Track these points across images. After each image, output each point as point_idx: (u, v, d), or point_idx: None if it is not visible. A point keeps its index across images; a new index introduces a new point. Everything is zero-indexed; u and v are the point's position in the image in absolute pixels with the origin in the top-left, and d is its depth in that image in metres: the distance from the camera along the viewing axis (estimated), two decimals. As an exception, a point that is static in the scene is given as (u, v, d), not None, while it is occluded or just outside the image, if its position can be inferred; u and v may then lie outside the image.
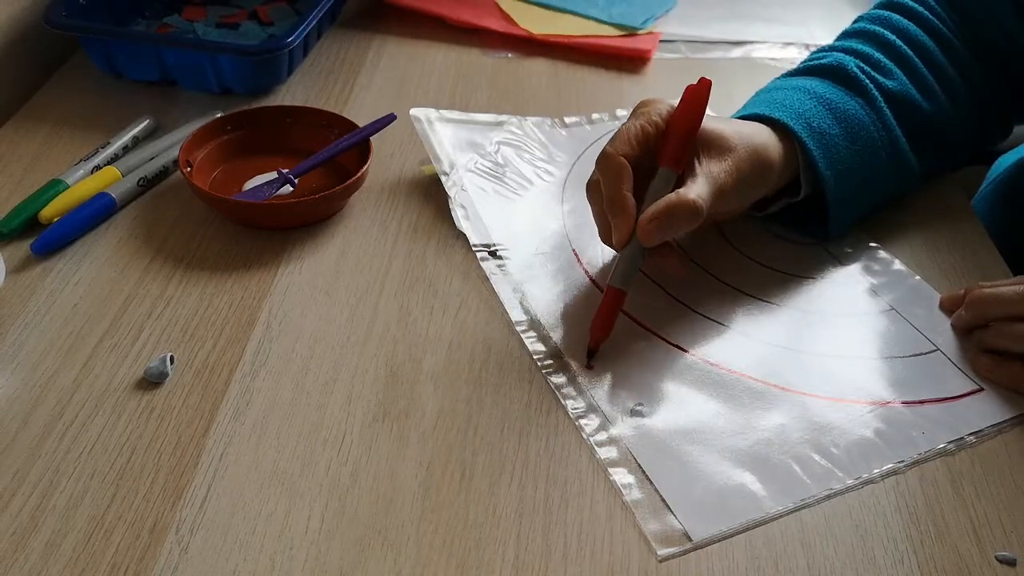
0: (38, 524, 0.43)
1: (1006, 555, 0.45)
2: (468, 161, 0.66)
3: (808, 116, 0.60)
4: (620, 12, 0.90)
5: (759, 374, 0.53)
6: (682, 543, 0.44)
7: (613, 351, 0.54)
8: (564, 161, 0.69)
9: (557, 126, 0.73)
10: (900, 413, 0.52)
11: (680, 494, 0.46)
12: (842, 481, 0.48)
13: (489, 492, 0.46)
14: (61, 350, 0.52)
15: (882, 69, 0.65)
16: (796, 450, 0.49)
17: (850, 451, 0.49)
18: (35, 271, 0.57)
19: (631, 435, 0.49)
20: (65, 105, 0.73)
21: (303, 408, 0.50)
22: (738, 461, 0.48)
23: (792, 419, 0.51)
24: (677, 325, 0.56)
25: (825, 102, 0.62)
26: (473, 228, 0.62)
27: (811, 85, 0.63)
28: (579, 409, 0.50)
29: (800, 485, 0.47)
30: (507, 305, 0.56)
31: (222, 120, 0.67)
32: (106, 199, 0.62)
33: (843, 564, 0.44)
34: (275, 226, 0.62)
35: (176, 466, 0.46)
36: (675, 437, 0.49)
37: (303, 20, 0.75)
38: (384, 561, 0.43)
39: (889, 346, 0.56)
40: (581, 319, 0.55)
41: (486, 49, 0.86)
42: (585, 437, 0.49)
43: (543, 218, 0.64)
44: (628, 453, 0.48)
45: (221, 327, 0.54)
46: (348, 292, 0.57)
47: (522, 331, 0.55)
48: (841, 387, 0.53)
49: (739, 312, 0.58)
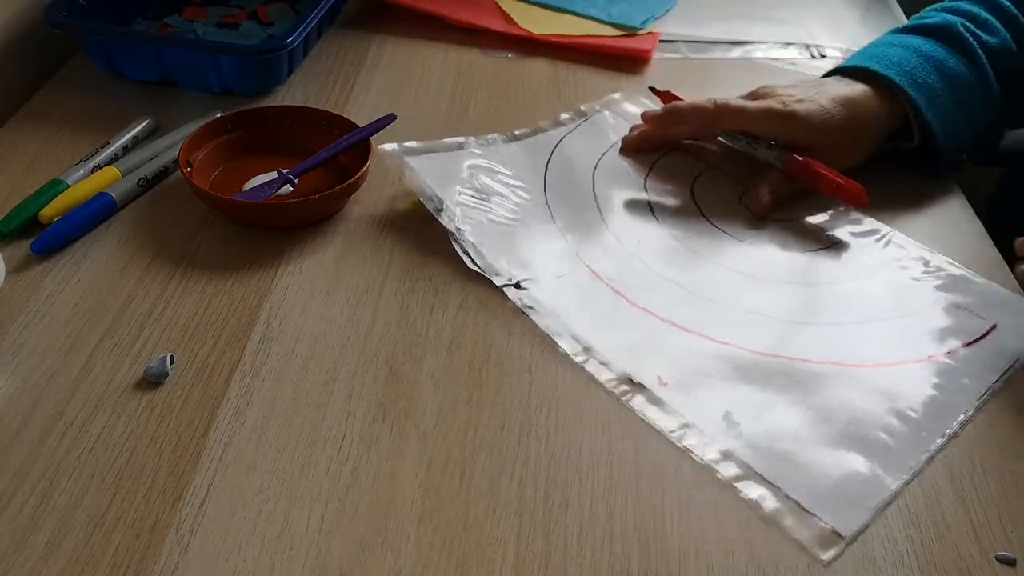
0: (38, 524, 0.43)
1: (1006, 555, 0.45)
2: (453, 193, 0.63)
3: (912, 71, 0.66)
4: (620, 12, 0.90)
5: (810, 355, 0.54)
6: (836, 542, 0.45)
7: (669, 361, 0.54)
8: (531, 179, 0.67)
9: (510, 141, 0.70)
10: (945, 364, 0.54)
11: (813, 494, 0.46)
12: (933, 441, 0.49)
13: (489, 492, 0.46)
14: (61, 350, 0.52)
15: (987, 27, 0.70)
16: (883, 421, 0.50)
17: (926, 411, 0.51)
18: (35, 271, 0.57)
19: (739, 446, 0.49)
20: (65, 105, 0.73)
21: (303, 408, 0.50)
22: (839, 446, 0.49)
23: (863, 393, 0.52)
24: (720, 322, 0.56)
25: (929, 59, 0.67)
26: (487, 266, 0.59)
27: (917, 43, 0.69)
28: (674, 431, 0.50)
29: (902, 454, 0.49)
30: (556, 338, 0.54)
31: (222, 120, 0.67)
32: (106, 199, 0.62)
33: (843, 564, 0.44)
34: (275, 226, 0.62)
35: (176, 466, 0.46)
36: (776, 439, 0.49)
37: (303, 20, 0.75)
38: (384, 561, 0.43)
39: (904, 304, 0.58)
40: (629, 338, 0.55)
41: (486, 49, 0.86)
42: (697, 458, 0.48)
43: (544, 240, 0.62)
44: (747, 466, 0.48)
45: (221, 327, 0.54)
46: (348, 292, 0.57)
47: (581, 361, 0.53)
48: (885, 352, 0.55)
49: (759, 296, 0.58)
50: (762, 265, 0.61)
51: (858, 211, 0.65)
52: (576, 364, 0.53)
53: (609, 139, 0.72)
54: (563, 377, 0.53)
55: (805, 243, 0.63)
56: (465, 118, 0.75)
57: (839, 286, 0.60)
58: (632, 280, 0.59)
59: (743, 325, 0.56)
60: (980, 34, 0.69)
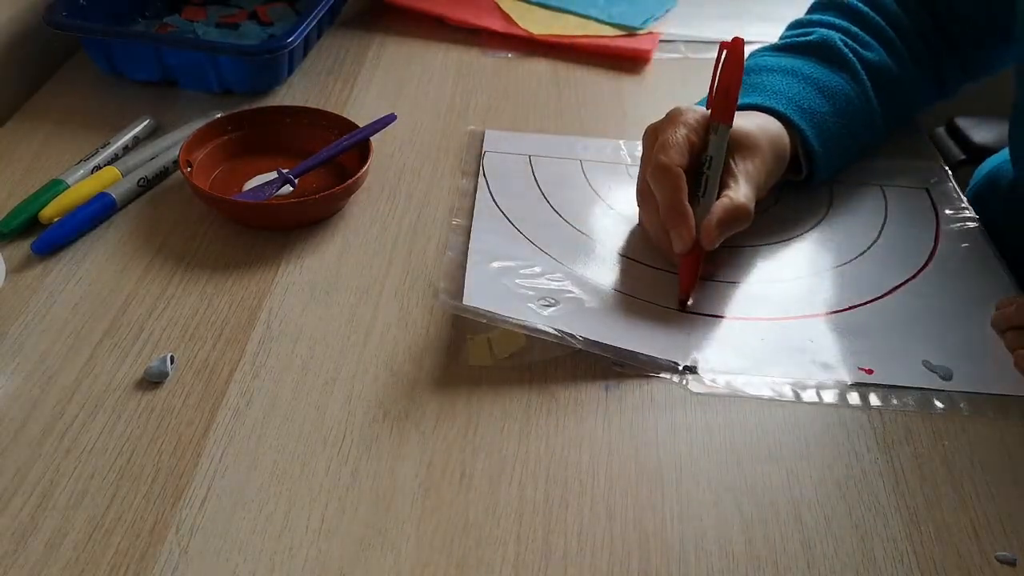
0: (38, 524, 0.43)
1: (1006, 555, 0.45)
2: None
3: (801, 101, 0.64)
4: (620, 12, 0.90)
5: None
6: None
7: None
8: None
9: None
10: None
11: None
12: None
13: (489, 492, 0.46)
14: (61, 350, 0.52)
15: (862, 42, 0.69)
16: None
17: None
18: (35, 271, 0.57)
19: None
20: (65, 105, 0.73)
21: (303, 408, 0.50)
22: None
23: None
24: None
25: (814, 83, 0.66)
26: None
27: (799, 66, 0.67)
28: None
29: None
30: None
31: (222, 120, 0.67)
32: (106, 199, 0.62)
33: (843, 564, 0.44)
34: (275, 226, 0.62)
35: (176, 466, 0.46)
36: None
37: (303, 20, 0.75)
38: (384, 561, 0.43)
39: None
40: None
41: (486, 49, 0.86)
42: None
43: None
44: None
45: (221, 327, 0.54)
46: (348, 292, 0.57)
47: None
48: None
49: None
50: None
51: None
52: (576, 364, 0.53)
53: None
54: (563, 377, 0.53)
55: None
56: (465, 118, 0.75)
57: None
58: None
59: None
60: (859, 49, 0.68)
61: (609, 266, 0.61)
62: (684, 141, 0.57)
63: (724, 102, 0.58)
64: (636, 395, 0.52)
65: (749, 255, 0.62)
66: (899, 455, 0.50)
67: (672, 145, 0.57)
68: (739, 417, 0.51)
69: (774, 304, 0.59)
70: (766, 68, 0.67)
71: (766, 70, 0.67)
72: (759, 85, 0.66)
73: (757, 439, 0.50)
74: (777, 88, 0.65)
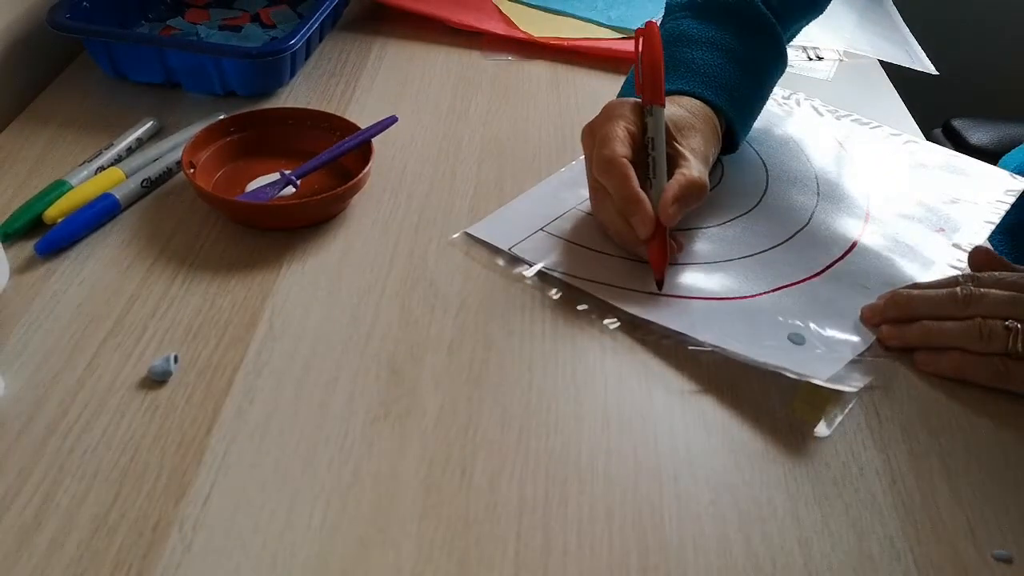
0: (42, 522, 0.44)
1: (1003, 553, 0.45)
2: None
3: (722, 79, 0.66)
4: (619, 15, 0.91)
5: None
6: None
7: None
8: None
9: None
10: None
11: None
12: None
13: (489, 490, 0.46)
14: (65, 350, 0.53)
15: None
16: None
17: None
18: (39, 272, 0.58)
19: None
20: (69, 107, 0.74)
21: (305, 407, 0.50)
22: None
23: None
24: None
25: (734, 57, 0.67)
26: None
27: (719, 38, 0.67)
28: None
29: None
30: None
31: (225, 122, 0.68)
32: (110, 200, 0.62)
33: (840, 562, 0.44)
34: (278, 227, 0.62)
35: (179, 464, 0.47)
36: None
37: (305, 23, 0.76)
38: (385, 558, 0.43)
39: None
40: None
41: (486, 52, 0.86)
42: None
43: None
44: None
45: (224, 327, 0.55)
46: (350, 292, 0.58)
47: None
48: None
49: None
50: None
51: None
52: (577, 363, 0.54)
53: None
54: (563, 376, 0.53)
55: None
56: (466, 120, 0.76)
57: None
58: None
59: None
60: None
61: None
62: (624, 132, 0.59)
63: (652, 83, 0.60)
64: (635, 394, 0.52)
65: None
66: (896, 453, 0.50)
67: (613, 138, 0.58)
68: (737, 416, 0.52)
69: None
70: (687, 38, 0.68)
71: (687, 41, 0.67)
72: (682, 62, 0.66)
73: (755, 437, 0.50)
74: (700, 68, 0.66)
